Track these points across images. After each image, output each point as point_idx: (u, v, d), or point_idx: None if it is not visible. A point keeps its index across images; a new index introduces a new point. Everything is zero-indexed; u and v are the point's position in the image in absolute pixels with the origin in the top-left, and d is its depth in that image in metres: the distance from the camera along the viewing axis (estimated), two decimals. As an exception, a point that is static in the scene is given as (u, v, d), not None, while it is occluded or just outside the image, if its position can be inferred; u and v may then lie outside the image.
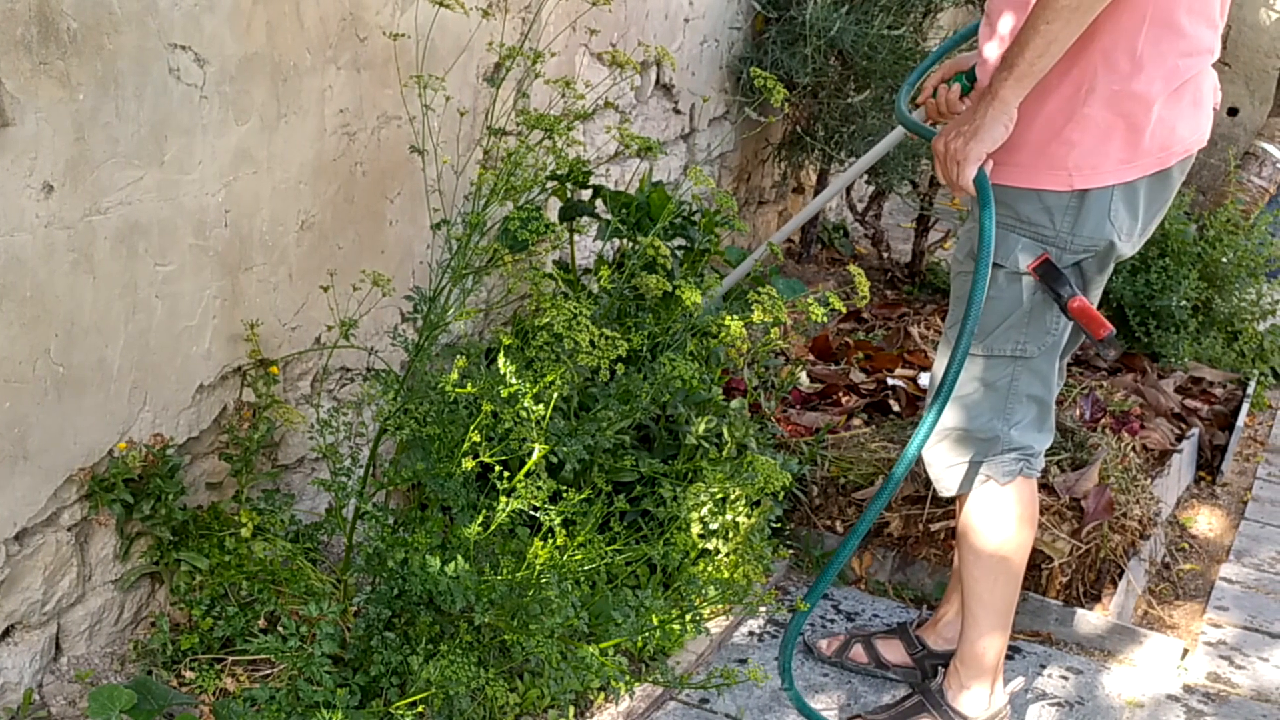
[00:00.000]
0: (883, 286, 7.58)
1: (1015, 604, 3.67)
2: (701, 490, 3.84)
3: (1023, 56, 3.03)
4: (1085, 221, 3.25)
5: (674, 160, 6.29)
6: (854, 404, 5.29)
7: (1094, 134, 3.16)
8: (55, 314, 3.05)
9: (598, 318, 3.84)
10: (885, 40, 6.44)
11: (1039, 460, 3.56)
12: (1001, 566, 3.57)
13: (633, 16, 5.43)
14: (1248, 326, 7.01)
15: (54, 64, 2.88)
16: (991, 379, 3.43)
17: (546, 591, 3.20)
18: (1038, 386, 3.47)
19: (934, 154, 3.30)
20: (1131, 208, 3.27)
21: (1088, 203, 3.23)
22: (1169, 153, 3.23)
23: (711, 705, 3.77)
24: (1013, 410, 3.47)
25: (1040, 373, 3.45)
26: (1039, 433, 3.53)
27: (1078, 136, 3.17)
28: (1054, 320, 3.37)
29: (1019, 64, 3.04)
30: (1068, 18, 2.96)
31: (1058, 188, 3.22)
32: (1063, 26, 2.98)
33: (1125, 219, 3.27)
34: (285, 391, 3.88)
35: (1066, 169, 3.20)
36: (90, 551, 3.39)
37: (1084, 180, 3.20)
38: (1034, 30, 3.00)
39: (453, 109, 4.14)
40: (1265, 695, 4.12)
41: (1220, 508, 5.53)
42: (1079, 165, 3.19)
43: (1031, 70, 3.05)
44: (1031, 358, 3.41)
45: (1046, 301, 3.32)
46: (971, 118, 3.18)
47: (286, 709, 3.20)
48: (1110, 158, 3.18)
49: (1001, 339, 3.38)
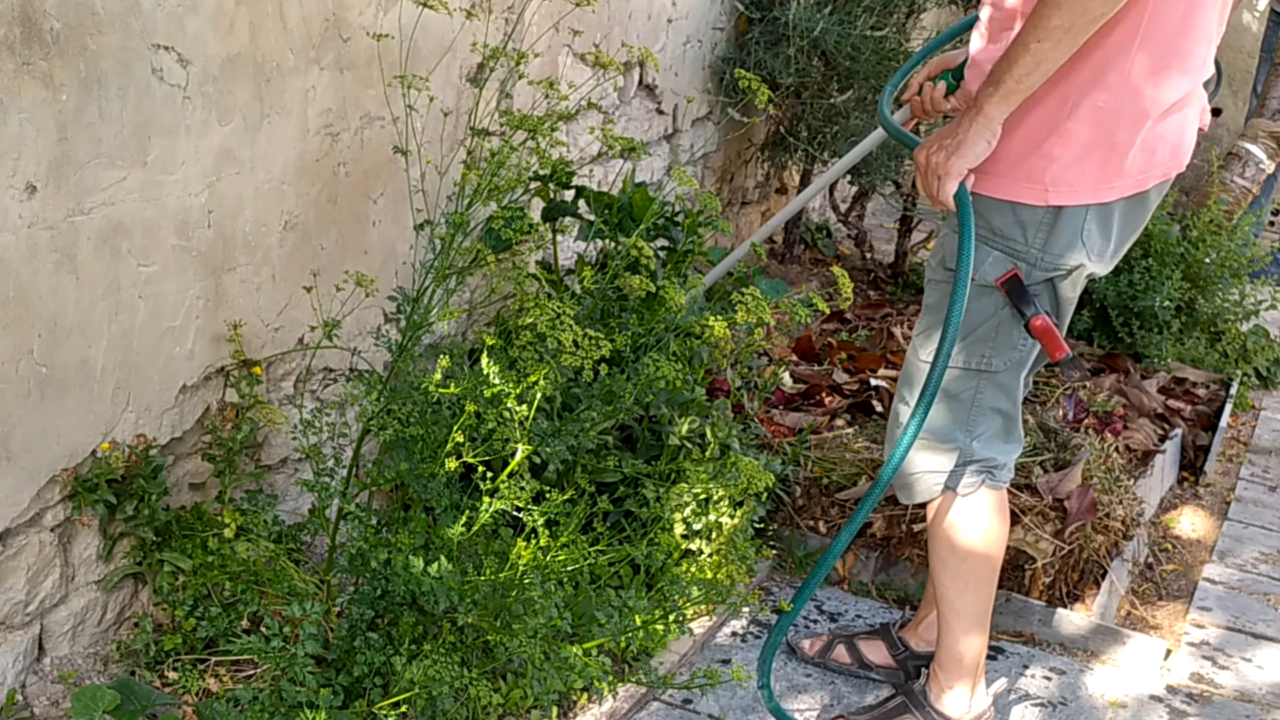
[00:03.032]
0: (866, 287, 7.59)
1: (990, 607, 3.66)
2: (684, 491, 3.85)
3: (1010, 74, 3.01)
4: (1058, 239, 3.21)
5: (657, 161, 6.30)
6: (837, 404, 5.29)
7: (1074, 150, 3.13)
8: (38, 314, 3.04)
9: (581, 318, 3.84)
10: (868, 41, 6.45)
11: (1004, 472, 3.54)
12: (970, 574, 3.57)
13: (616, 17, 5.43)
14: (1231, 327, 7.03)
15: (37, 64, 2.87)
16: (955, 390, 3.41)
17: (530, 592, 3.20)
18: (1002, 400, 3.45)
19: (915, 165, 3.28)
20: (1105, 229, 3.24)
21: (1061, 220, 3.20)
22: (1147, 176, 3.21)
23: (695, 706, 3.77)
24: (976, 422, 3.45)
25: (1005, 387, 3.43)
26: (1004, 444, 3.51)
27: (1058, 151, 3.14)
28: (1021, 336, 3.33)
29: (1006, 80, 3.02)
30: (1059, 38, 2.93)
31: (1033, 202, 3.19)
32: (1053, 47, 2.95)
33: (1098, 239, 3.24)
34: (268, 392, 3.88)
35: (1043, 183, 3.16)
36: (73, 552, 3.39)
37: (1060, 197, 3.17)
38: (1023, 48, 2.97)
39: (436, 109, 4.14)
40: (1248, 696, 4.13)
41: (1203, 508, 5.54)
42: (1055, 181, 3.16)
43: (1018, 88, 3.02)
44: (997, 372, 3.39)
45: (1015, 316, 3.30)
46: (955, 131, 3.15)
47: (270, 709, 3.19)
48: (1088, 176, 3.15)
49: (968, 351, 3.36)
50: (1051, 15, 2.91)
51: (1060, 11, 2.90)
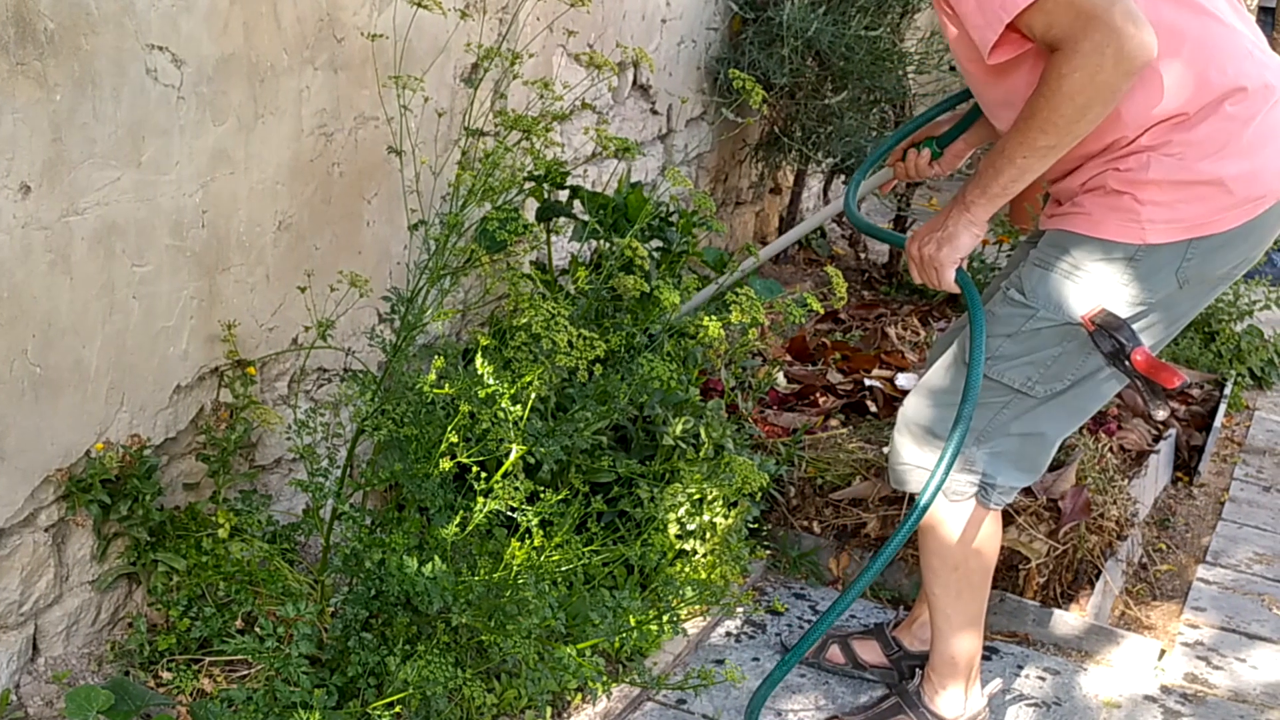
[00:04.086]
0: (860, 287, 7.59)
1: (984, 610, 3.65)
2: (679, 491, 3.85)
3: (996, 181, 3.08)
4: (1153, 273, 3.15)
5: (651, 161, 6.30)
6: (831, 405, 5.29)
7: (1166, 196, 3.07)
8: (32, 315, 3.04)
9: (575, 318, 3.84)
10: (862, 41, 6.45)
11: (1000, 495, 3.49)
12: (961, 582, 3.56)
13: (610, 17, 5.43)
14: (1225, 327, 7.03)
15: (31, 64, 2.87)
16: (985, 398, 3.33)
17: (524, 592, 3.20)
18: (1028, 426, 3.39)
19: (908, 258, 3.35)
20: (1209, 261, 3.17)
21: (1159, 255, 3.13)
22: (1258, 202, 3.12)
23: (688, 706, 3.77)
24: (990, 435, 3.40)
25: (1038, 415, 3.38)
26: (1014, 470, 3.46)
27: (1147, 197, 3.08)
28: (1072, 371, 3.28)
29: (992, 186, 3.10)
30: (1044, 155, 3.00)
31: (1127, 240, 3.13)
32: (1038, 161, 3.02)
33: (1198, 271, 3.17)
34: (262, 392, 3.88)
35: (1139, 222, 3.10)
36: (67, 552, 3.39)
37: (1157, 235, 3.10)
38: (1009, 161, 3.04)
39: (430, 110, 4.14)
40: (1243, 696, 4.13)
41: (1197, 509, 5.54)
42: (1152, 219, 3.09)
43: (1004, 193, 3.10)
44: (1035, 397, 3.33)
45: (1079, 351, 3.25)
46: (944, 224, 3.23)
47: (264, 709, 3.19)
48: (1183, 213, 3.09)
49: (1014, 370, 3.31)
50: (1038, 138, 2.97)
51: (1046, 135, 2.96)
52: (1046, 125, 2.94)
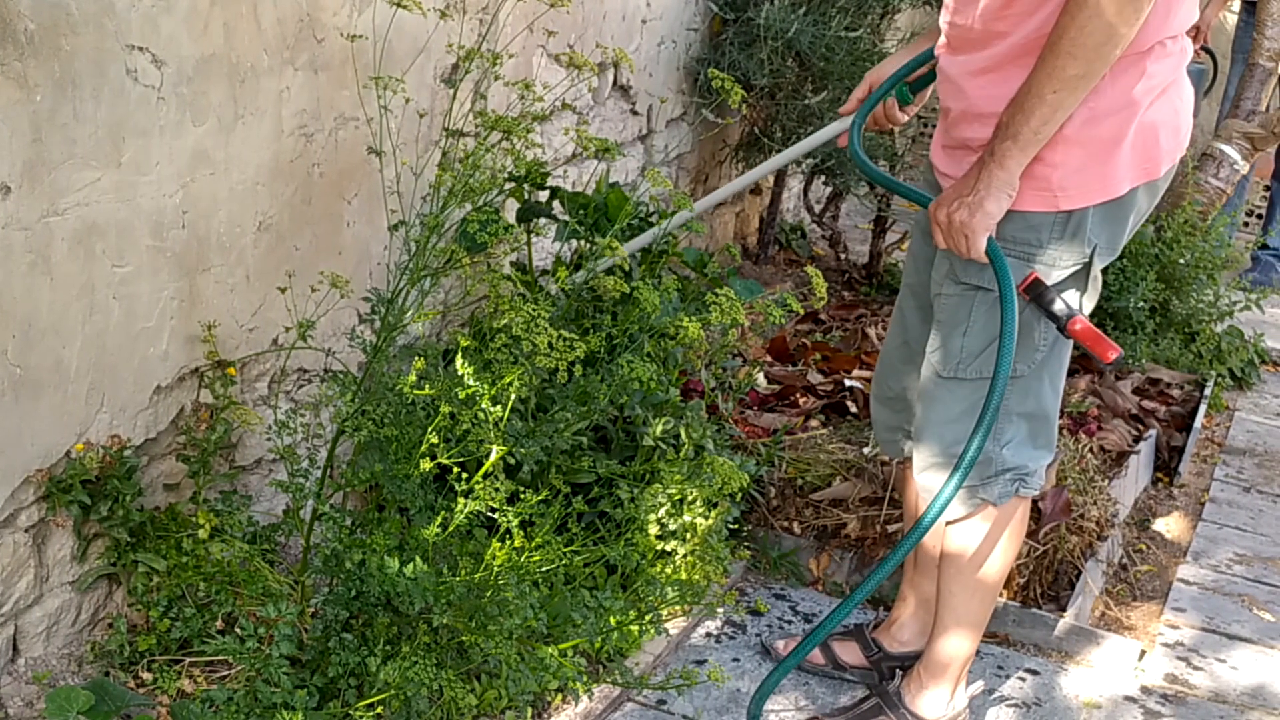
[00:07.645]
0: (840, 288, 7.59)
1: (988, 616, 3.65)
2: (659, 491, 3.85)
3: (1028, 124, 2.99)
4: (1072, 237, 3.18)
5: (631, 161, 6.30)
6: (811, 405, 5.30)
7: (1077, 156, 3.10)
8: (12, 315, 3.04)
9: (556, 319, 3.84)
10: (843, 42, 6.46)
11: (1036, 479, 3.47)
12: (983, 585, 3.56)
13: (590, 18, 5.43)
14: (1205, 328, 7.05)
15: (11, 65, 2.87)
16: (978, 400, 3.31)
17: (505, 593, 3.20)
18: (1030, 403, 3.39)
19: (934, 223, 3.23)
20: (1118, 219, 3.23)
21: (1074, 220, 3.17)
22: (1154, 164, 3.19)
23: (669, 706, 3.77)
24: (1002, 430, 3.38)
25: (1030, 390, 3.37)
26: (1034, 449, 3.45)
27: (1060, 159, 3.10)
28: (1042, 336, 3.29)
29: (1023, 132, 3.00)
30: (1074, 86, 2.94)
31: (1043, 209, 3.16)
32: (1069, 94, 2.95)
33: (1109, 233, 3.23)
34: (243, 393, 3.87)
35: (1051, 190, 3.13)
36: (48, 553, 3.38)
37: (1070, 201, 3.14)
38: (1039, 99, 2.96)
39: (411, 110, 4.14)
40: (1223, 696, 4.14)
41: (1178, 509, 5.56)
42: (1063, 186, 3.13)
43: (1035, 139, 3.01)
44: (1020, 376, 3.33)
45: (1034, 318, 3.25)
46: (973, 186, 3.12)
47: (244, 710, 3.19)
48: (1094, 176, 3.12)
49: (988, 361, 3.30)
50: (1067, 66, 2.91)
51: (1076, 61, 2.90)
52: (1075, 49, 2.89)
